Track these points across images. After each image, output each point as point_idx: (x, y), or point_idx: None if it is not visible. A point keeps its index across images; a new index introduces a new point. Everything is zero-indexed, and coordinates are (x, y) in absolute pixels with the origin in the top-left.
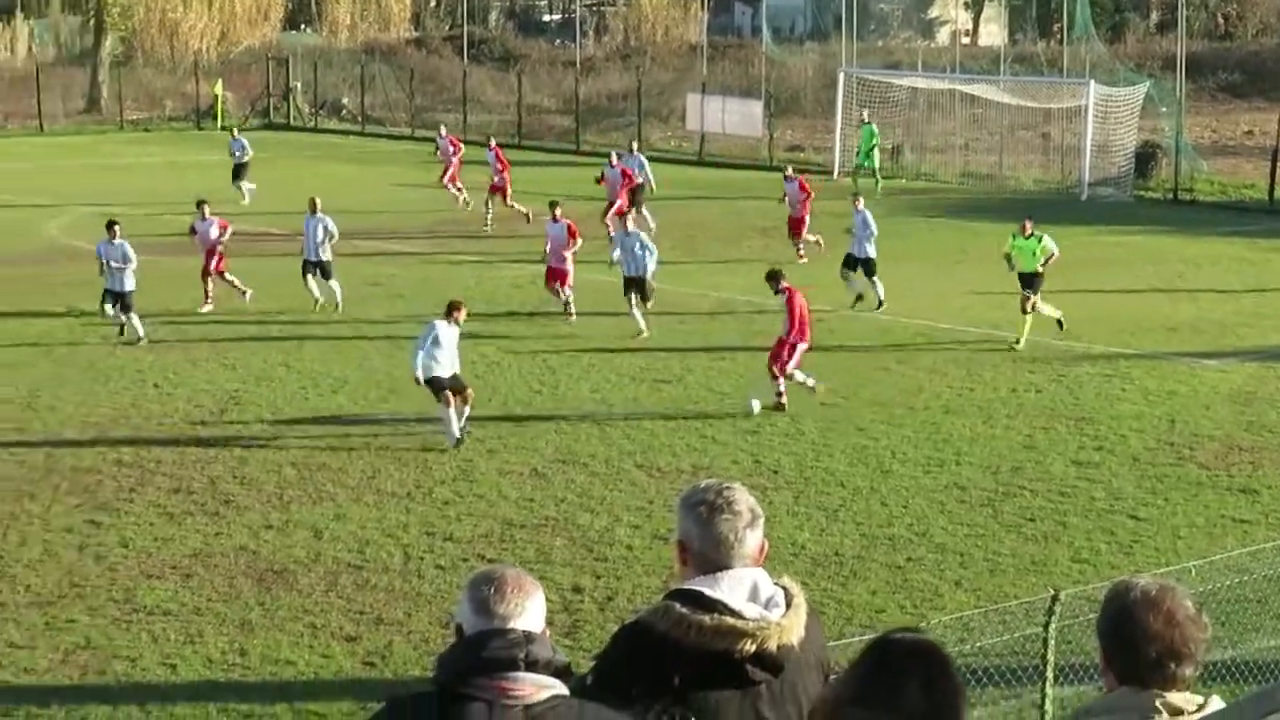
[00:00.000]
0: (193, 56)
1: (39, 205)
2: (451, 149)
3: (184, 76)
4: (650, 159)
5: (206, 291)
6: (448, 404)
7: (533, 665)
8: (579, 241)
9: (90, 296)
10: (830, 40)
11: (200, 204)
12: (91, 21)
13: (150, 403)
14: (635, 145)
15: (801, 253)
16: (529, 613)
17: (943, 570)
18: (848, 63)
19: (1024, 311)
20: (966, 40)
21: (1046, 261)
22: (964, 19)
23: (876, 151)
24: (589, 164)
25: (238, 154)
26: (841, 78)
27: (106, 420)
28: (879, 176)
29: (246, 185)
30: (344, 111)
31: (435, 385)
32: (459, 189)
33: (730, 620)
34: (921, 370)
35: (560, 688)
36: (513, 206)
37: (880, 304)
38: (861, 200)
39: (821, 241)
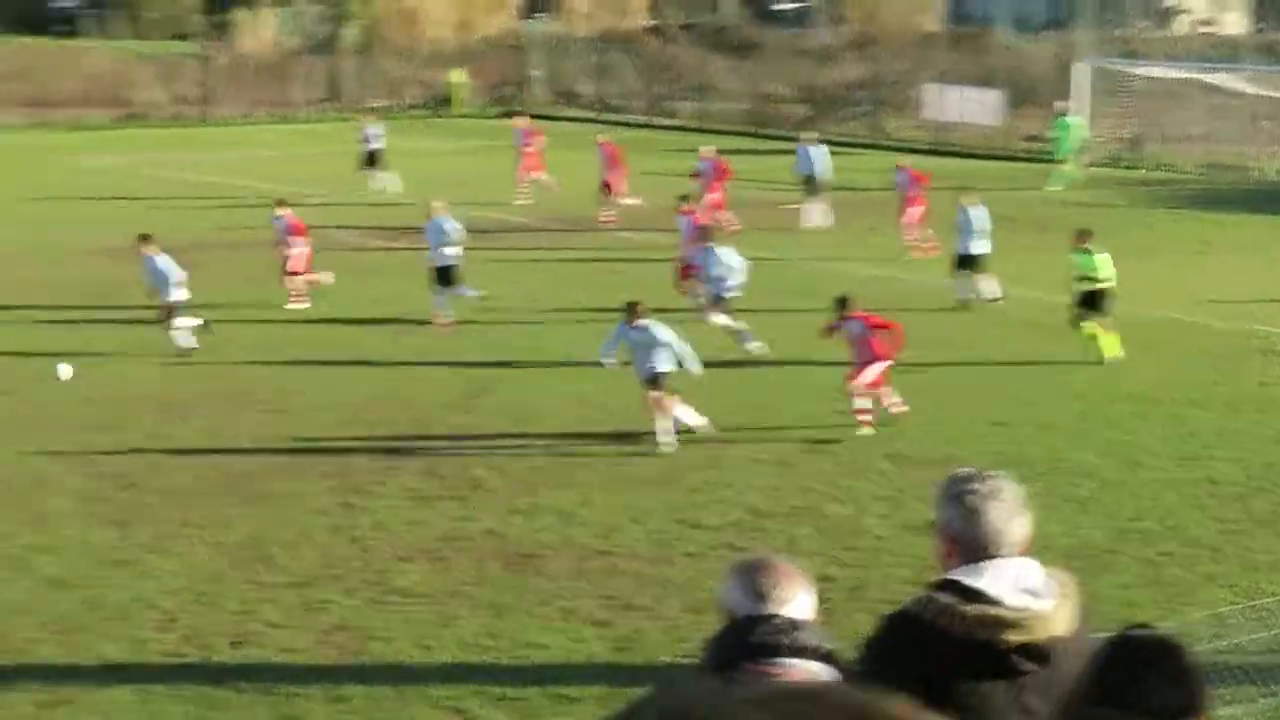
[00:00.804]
0: (431, 45)
1: (284, 191)
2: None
3: (423, 65)
4: (886, 149)
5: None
6: (659, 407)
7: (799, 652)
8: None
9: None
10: (1068, 29)
11: (279, 202)
12: (334, 10)
13: (402, 386)
14: (802, 135)
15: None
16: (797, 600)
17: (1195, 565)
18: (1086, 52)
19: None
20: (1206, 29)
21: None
22: (1202, 7)
23: (1074, 142)
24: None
25: (371, 142)
26: (1082, 67)
27: (360, 403)
28: (1073, 168)
29: (383, 175)
30: (582, 99)
31: (654, 384)
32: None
33: (993, 610)
34: (1167, 363)
35: (827, 675)
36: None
37: (998, 298)
38: (972, 197)
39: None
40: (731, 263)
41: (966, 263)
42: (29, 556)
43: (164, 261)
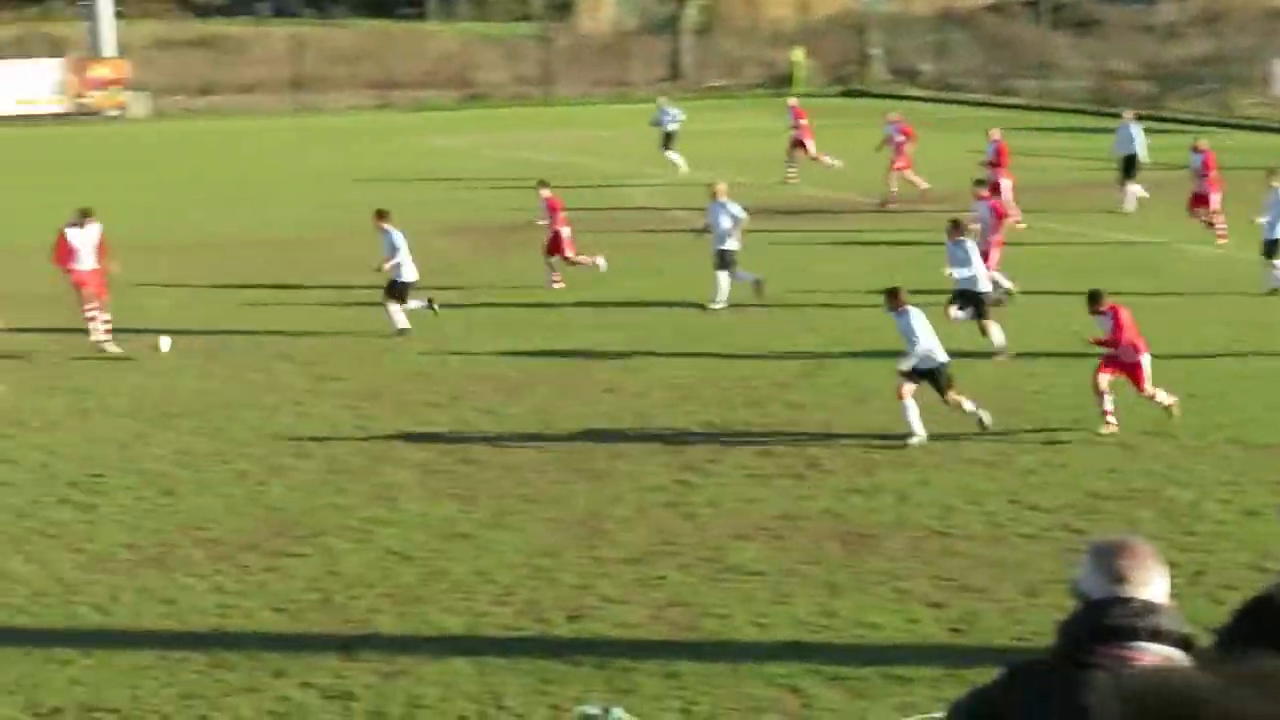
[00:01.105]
0: (772, 24)
1: (625, 171)
2: (900, 135)
3: (764, 44)
4: (1235, 126)
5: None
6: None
7: (1156, 636)
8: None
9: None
10: None
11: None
12: None
13: (737, 365)
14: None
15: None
16: (1154, 583)
17: None
18: None
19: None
20: None
21: None
22: None
23: None
24: (1172, 132)
25: (666, 123)
26: None
27: (694, 381)
28: None
29: (674, 156)
30: (921, 78)
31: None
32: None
33: None
34: None
35: (1183, 660)
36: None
37: None
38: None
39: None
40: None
41: (1272, 249)
42: (371, 529)
43: (399, 238)
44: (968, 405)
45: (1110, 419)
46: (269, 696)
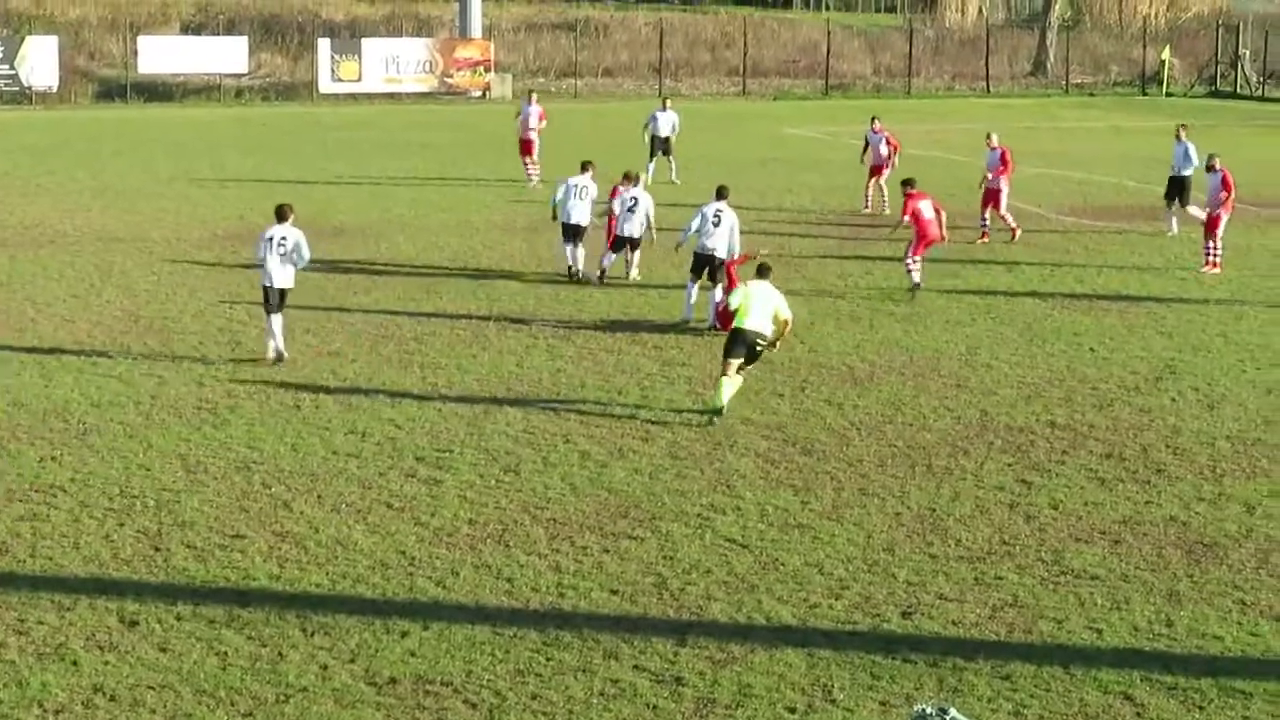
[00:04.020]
0: (1141, 21)
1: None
2: (887, 146)
3: (1131, 42)
4: None
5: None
6: None
7: None
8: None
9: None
10: None
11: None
12: None
13: (1086, 366)
14: None
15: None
16: None
17: None
18: None
19: None
20: None
21: None
22: None
23: None
24: None
25: (660, 129)
26: None
27: (1041, 381)
28: None
29: (652, 166)
30: None
31: None
32: None
33: None
34: None
35: None
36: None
37: None
38: None
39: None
40: None
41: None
42: (709, 516)
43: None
44: None
45: None
46: (600, 678)
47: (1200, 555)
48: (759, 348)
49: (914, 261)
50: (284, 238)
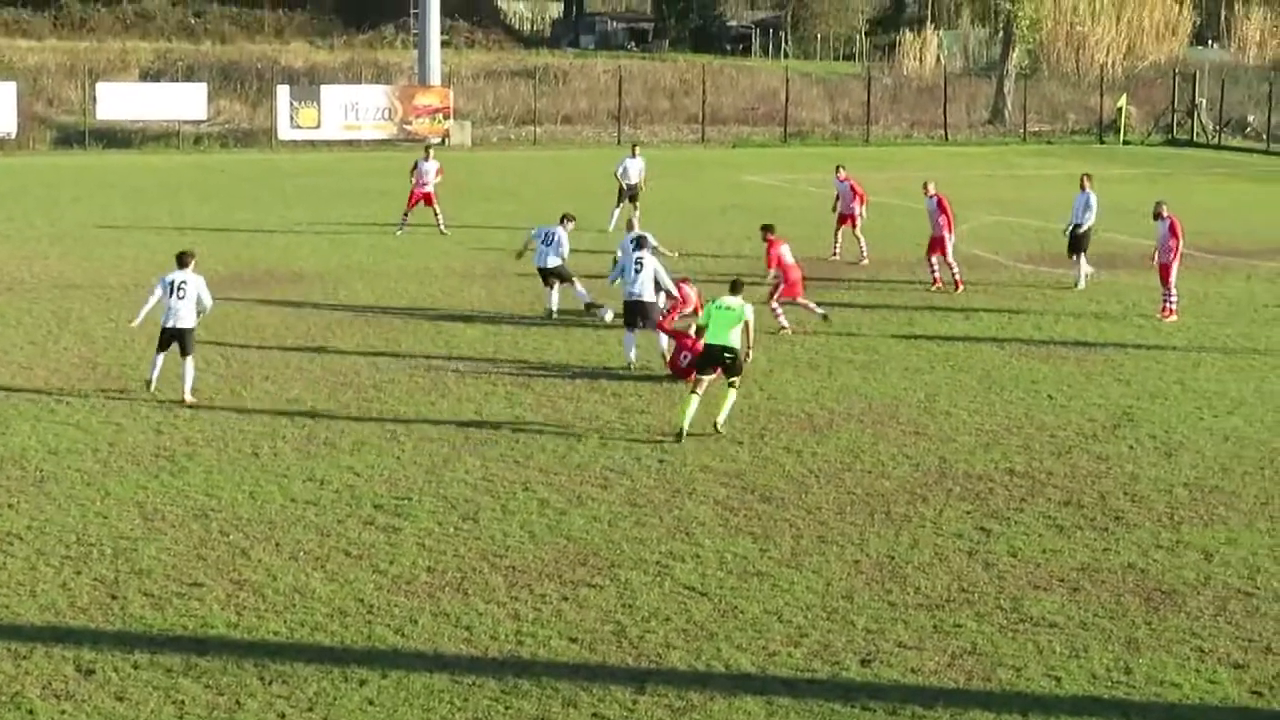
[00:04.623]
0: (1099, 70)
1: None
2: (852, 194)
3: (1088, 90)
4: None
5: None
6: None
7: None
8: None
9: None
10: None
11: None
12: (1000, 33)
13: (1044, 413)
14: None
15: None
16: None
17: None
18: None
19: None
20: None
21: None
22: None
23: None
24: None
25: (629, 176)
26: None
27: (1000, 428)
28: None
29: (618, 212)
30: (1248, 129)
31: None
32: None
33: None
34: None
35: None
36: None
37: None
38: None
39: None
40: None
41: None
42: (668, 563)
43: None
44: None
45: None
46: None
47: (1158, 603)
48: (729, 359)
49: (779, 305)
50: (184, 283)
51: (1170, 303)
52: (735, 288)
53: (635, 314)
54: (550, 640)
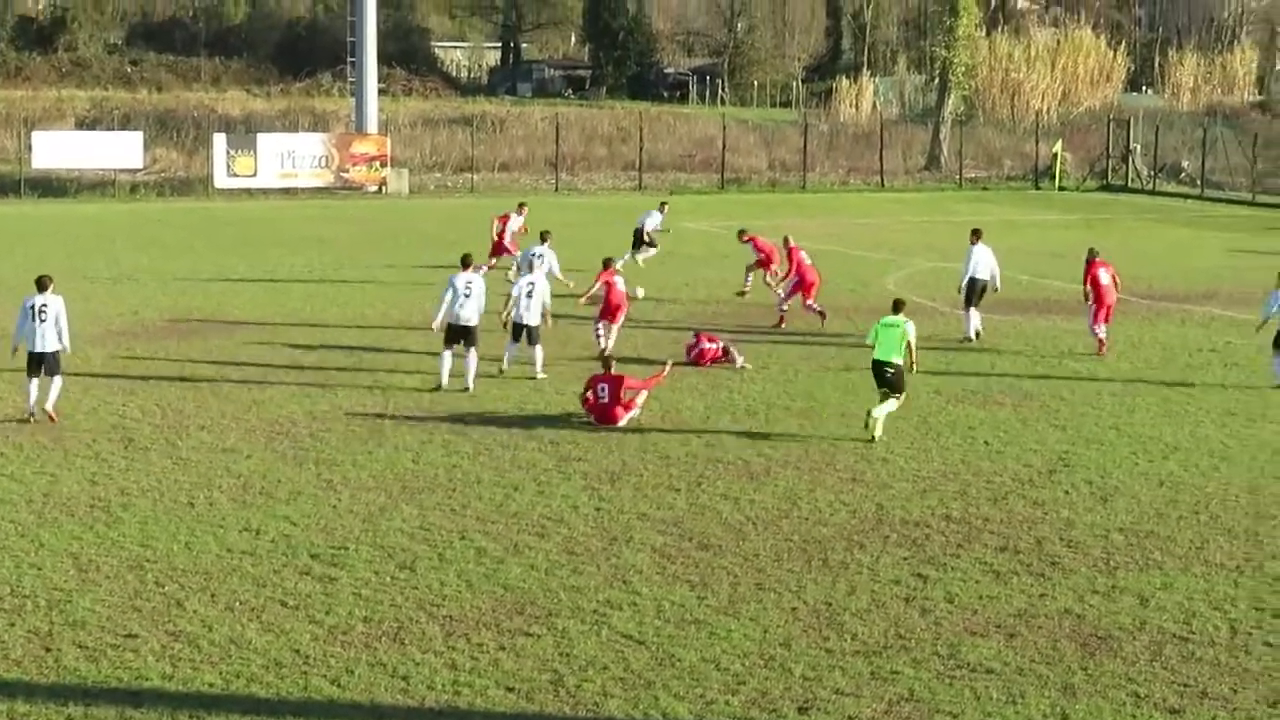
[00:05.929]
0: (1034, 116)
1: (879, 259)
2: (759, 253)
3: (1024, 136)
4: None
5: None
6: None
7: None
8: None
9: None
10: None
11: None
12: (936, 80)
13: (980, 459)
14: None
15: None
16: None
17: None
18: None
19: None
20: None
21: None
22: None
23: None
24: None
25: (649, 225)
26: None
27: (936, 474)
28: None
29: (639, 255)
30: (1182, 175)
31: None
32: None
33: None
34: None
35: None
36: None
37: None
38: None
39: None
40: None
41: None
42: (606, 611)
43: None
44: None
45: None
46: None
47: (1095, 648)
48: (890, 374)
49: (603, 327)
50: (45, 305)
51: (1100, 336)
52: (897, 306)
53: (459, 337)
54: (487, 689)
